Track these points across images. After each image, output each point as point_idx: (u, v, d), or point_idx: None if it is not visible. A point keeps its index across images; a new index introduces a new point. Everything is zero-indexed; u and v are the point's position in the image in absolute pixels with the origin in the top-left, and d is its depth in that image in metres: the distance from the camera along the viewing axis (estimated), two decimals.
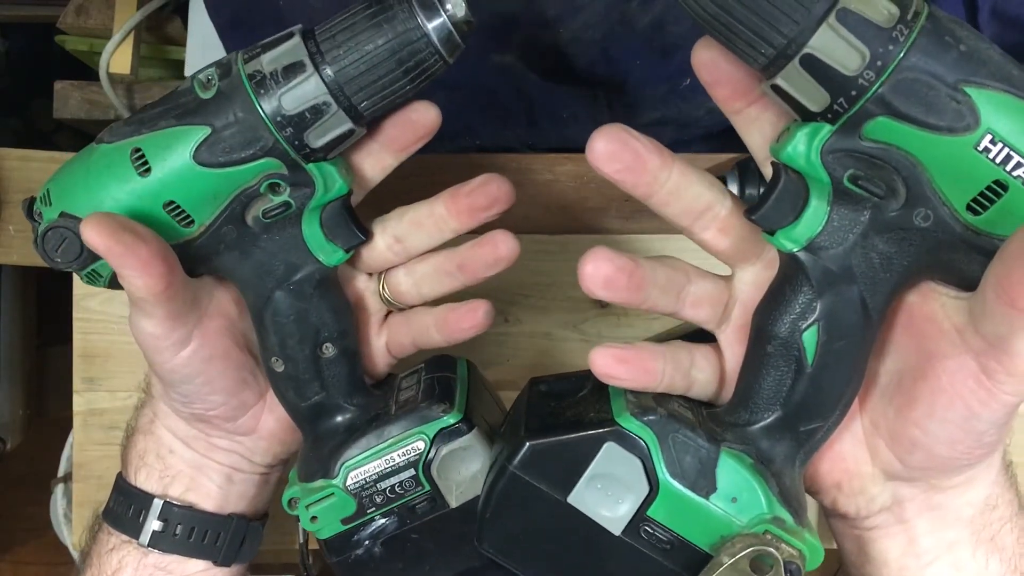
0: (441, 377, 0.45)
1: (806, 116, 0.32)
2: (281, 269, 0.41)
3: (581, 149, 0.40)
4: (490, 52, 0.59)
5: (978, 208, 0.31)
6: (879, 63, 0.29)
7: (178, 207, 0.38)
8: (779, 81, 0.31)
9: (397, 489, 0.42)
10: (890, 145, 0.31)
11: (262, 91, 0.36)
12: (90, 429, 0.61)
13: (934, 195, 0.31)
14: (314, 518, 0.43)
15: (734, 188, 0.57)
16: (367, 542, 0.43)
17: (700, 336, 0.40)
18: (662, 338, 0.59)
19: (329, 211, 0.42)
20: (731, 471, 0.35)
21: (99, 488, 0.61)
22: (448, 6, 0.36)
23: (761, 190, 0.58)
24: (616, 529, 0.36)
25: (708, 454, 0.35)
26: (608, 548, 0.36)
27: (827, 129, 0.31)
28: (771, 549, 0.34)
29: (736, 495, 0.35)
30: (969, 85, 0.29)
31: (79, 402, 0.62)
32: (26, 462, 1.24)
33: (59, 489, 1.13)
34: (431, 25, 0.36)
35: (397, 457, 0.42)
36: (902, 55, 0.29)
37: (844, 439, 0.38)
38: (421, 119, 0.42)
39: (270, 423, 0.46)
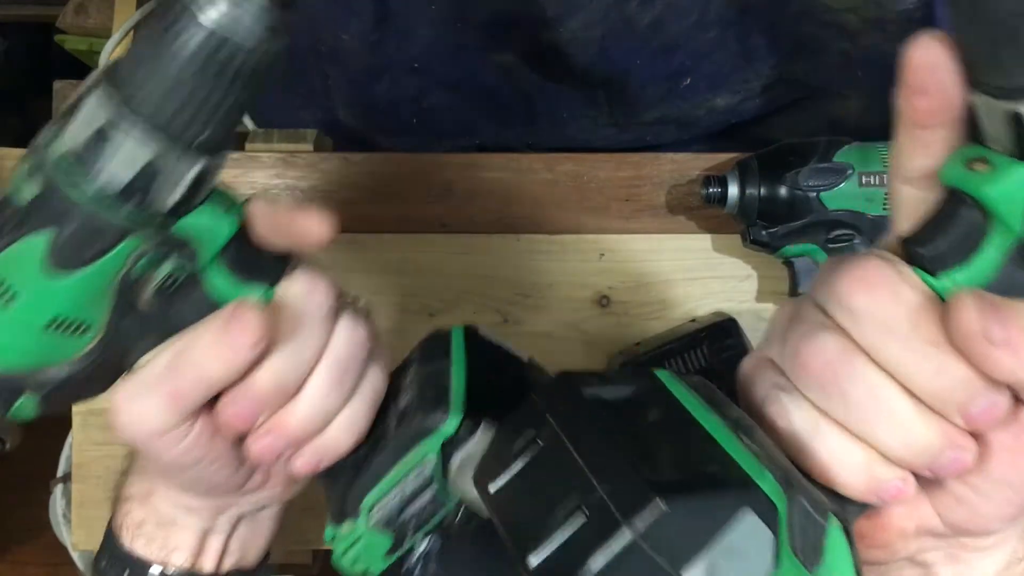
0: (432, 371, 0.40)
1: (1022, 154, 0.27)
2: None
3: (581, 149, 0.39)
4: (490, 52, 0.59)
5: None
6: None
7: (63, 320, 0.33)
8: (1022, 110, 0.26)
9: (426, 511, 0.39)
10: None
11: (80, 174, 0.31)
12: (89, 429, 0.61)
13: None
14: (356, 561, 0.40)
15: (734, 188, 0.57)
16: (419, 566, 0.41)
17: (713, 332, 0.38)
18: (665, 339, 0.59)
19: (230, 253, 0.35)
20: (835, 544, 0.30)
21: (98, 488, 0.61)
22: None
23: (761, 190, 0.59)
24: None
25: (820, 525, 0.30)
26: None
27: None
28: None
29: (834, 569, 0.30)
30: None
31: None
32: (26, 462, 1.24)
33: (58, 489, 1.13)
34: (213, 20, 0.30)
35: (412, 481, 0.38)
36: None
37: None
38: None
39: (282, 469, 0.41)
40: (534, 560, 0.28)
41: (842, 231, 0.56)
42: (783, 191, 0.56)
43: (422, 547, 0.40)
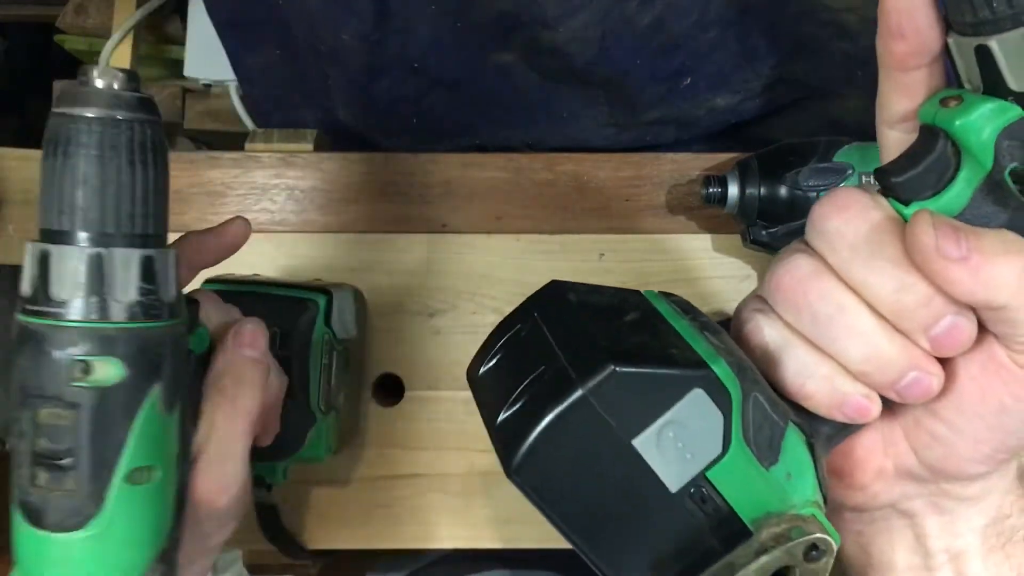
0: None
1: (995, 90, 0.29)
2: None
3: (581, 149, 0.39)
4: (490, 52, 0.59)
5: None
6: None
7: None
8: (991, 43, 0.28)
9: None
10: None
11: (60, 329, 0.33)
12: None
13: None
14: None
15: (735, 188, 0.57)
16: None
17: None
18: None
19: None
20: (793, 446, 0.32)
21: None
22: (94, 82, 0.33)
23: (762, 190, 0.59)
24: (674, 485, 0.31)
25: (778, 424, 0.32)
26: (655, 504, 0.31)
27: (1016, 112, 0.28)
28: (824, 536, 0.32)
29: (792, 472, 0.32)
30: None
31: None
32: None
33: None
34: (93, 113, 0.32)
35: None
36: None
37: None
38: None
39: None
40: (500, 419, 0.32)
41: None
42: (783, 191, 0.56)
43: None
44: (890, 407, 0.33)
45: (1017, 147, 0.29)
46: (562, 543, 0.32)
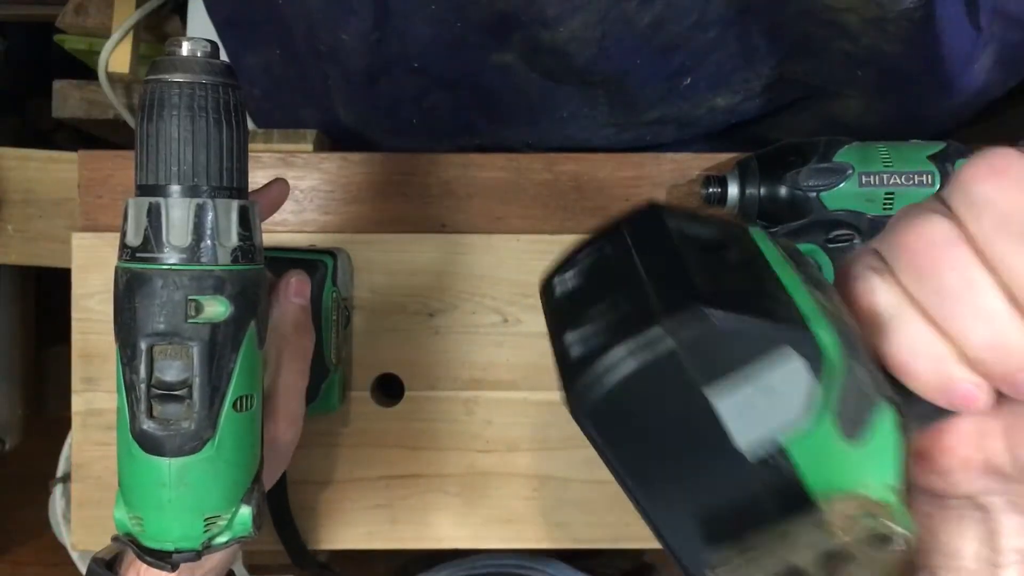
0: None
1: None
2: None
3: (581, 149, 0.39)
4: (490, 52, 0.59)
5: None
6: None
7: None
8: None
9: None
10: None
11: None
12: (89, 429, 0.61)
13: None
14: None
15: (734, 188, 0.57)
16: None
17: None
18: None
19: None
20: (883, 425, 0.29)
21: (98, 488, 0.61)
22: (182, 51, 0.36)
23: (761, 190, 0.59)
24: (742, 443, 0.28)
25: (870, 399, 0.29)
26: (718, 458, 0.29)
27: None
28: (893, 526, 0.29)
29: (875, 450, 0.30)
30: None
31: (78, 402, 0.62)
32: (25, 462, 1.24)
33: (58, 489, 1.13)
34: (183, 79, 0.36)
35: None
36: None
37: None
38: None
39: None
40: (569, 338, 0.29)
41: (842, 231, 0.56)
42: (783, 191, 0.56)
43: None
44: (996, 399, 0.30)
45: None
46: (562, 543, 0.32)
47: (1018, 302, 0.27)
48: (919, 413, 0.30)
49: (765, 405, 0.28)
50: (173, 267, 0.36)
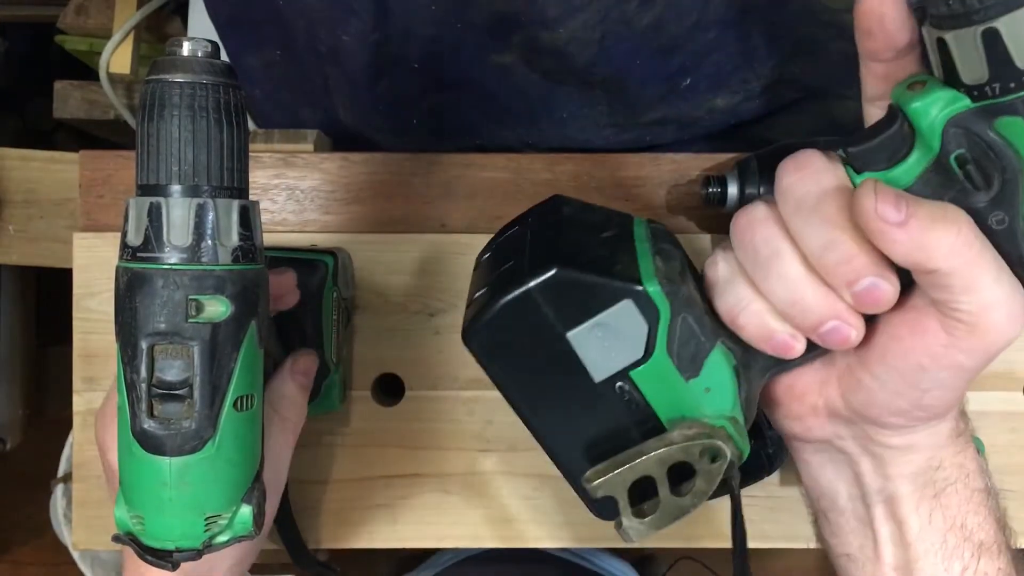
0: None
1: (951, 81, 0.31)
2: None
3: (581, 149, 0.40)
4: (490, 52, 0.59)
5: None
6: None
7: None
8: (948, 38, 0.30)
9: None
10: (1012, 146, 0.31)
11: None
12: (90, 429, 0.61)
13: (1020, 204, 0.32)
14: None
15: (734, 188, 0.57)
16: None
17: None
18: None
19: None
20: (716, 366, 0.37)
21: (99, 488, 0.61)
22: (183, 51, 0.37)
23: (761, 190, 0.58)
24: (597, 376, 0.37)
25: (704, 344, 0.37)
26: (581, 390, 0.37)
27: (965, 103, 0.31)
28: (723, 445, 0.37)
29: (711, 387, 0.37)
30: None
31: (79, 402, 0.62)
32: (26, 462, 1.24)
33: (59, 489, 1.13)
34: (183, 78, 0.36)
35: None
36: None
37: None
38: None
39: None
40: (472, 296, 0.39)
41: None
42: None
43: None
44: (827, 352, 0.37)
45: (963, 135, 0.32)
46: (563, 543, 0.33)
47: (812, 268, 0.34)
48: (762, 365, 0.38)
49: (613, 345, 0.36)
50: (174, 267, 0.36)
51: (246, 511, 0.39)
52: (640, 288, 0.35)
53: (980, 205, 0.32)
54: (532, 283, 0.35)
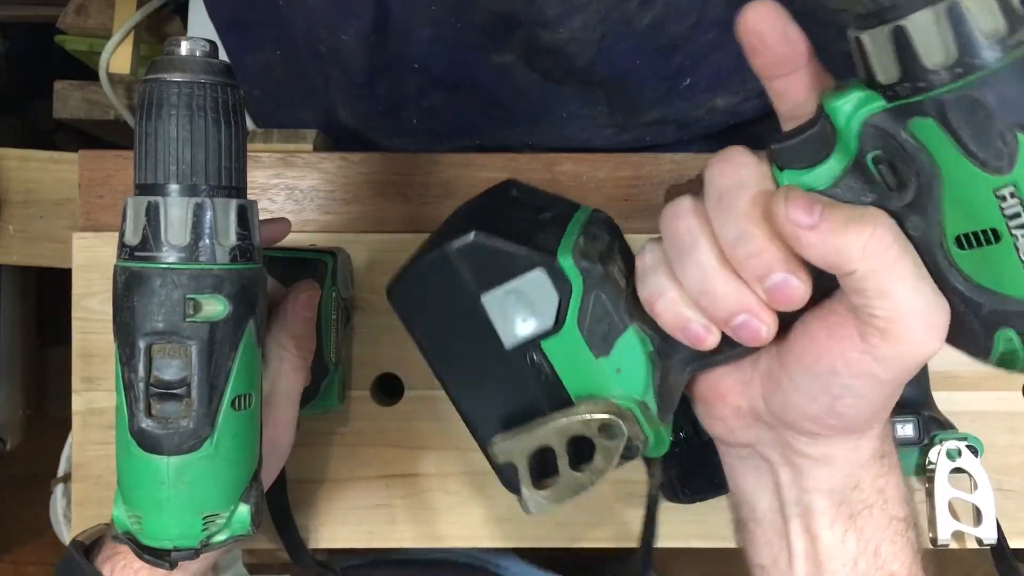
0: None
1: (870, 82, 0.32)
2: None
3: (581, 149, 0.40)
4: (490, 52, 0.59)
5: (966, 244, 0.31)
6: (959, 71, 0.29)
7: None
8: (863, 37, 0.31)
9: None
10: (925, 148, 0.30)
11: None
12: (90, 429, 0.61)
13: (936, 211, 0.31)
14: None
15: None
16: None
17: None
18: None
19: None
20: (629, 347, 0.37)
21: (99, 487, 0.61)
22: (181, 51, 0.36)
23: None
24: (508, 343, 0.37)
25: (617, 324, 0.37)
26: (493, 355, 0.38)
27: (879, 104, 0.31)
28: (622, 424, 0.37)
29: (622, 368, 0.37)
30: (1023, 132, 0.29)
31: (79, 402, 0.62)
32: (26, 462, 1.24)
33: (59, 489, 1.13)
34: (181, 78, 0.36)
35: None
36: (982, 75, 0.28)
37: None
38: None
39: None
40: (400, 270, 0.39)
41: None
42: None
43: None
44: (748, 352, 0.37)
45: (879, 136, 0.32)
46: (561, 542, 0.33)
47: (726, 260, 0.34)
48: (683, 358, 0.38)
49: (524, 312, 0.37)
50: (171, 266, 0.36)
51: (244, 510, 0.39)
52: (552, 259, 0.36)
53: (897, 208, 0.32)
54: (450, 244, 0.36)
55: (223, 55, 0.39)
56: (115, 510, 0.39)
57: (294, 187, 0.62)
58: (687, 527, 0.59)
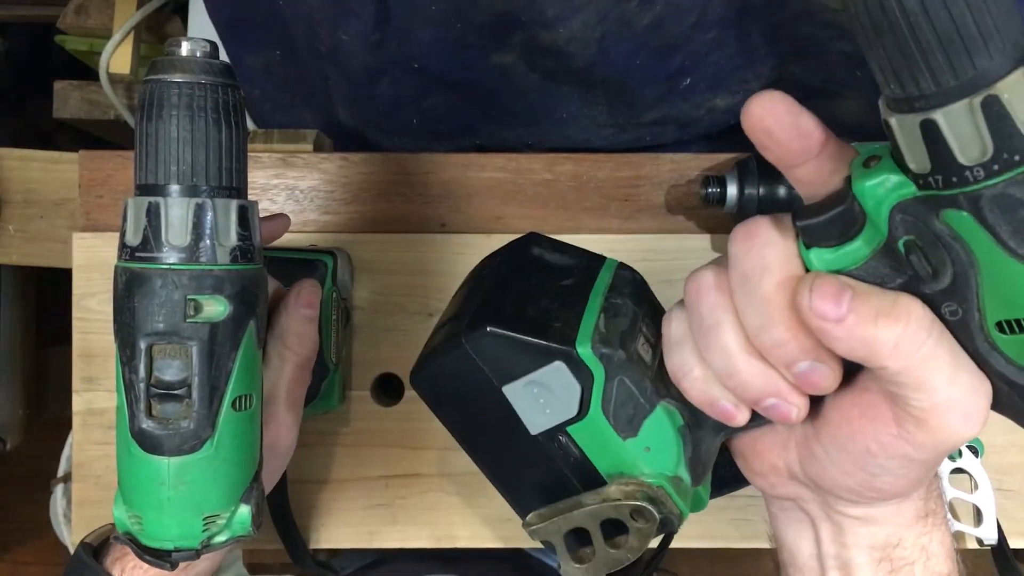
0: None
1: (901, 164, 0.30)
2: None
3: (581, 149, 0.40)
4: (490, 52, 0.59)
5: (1007, 329, 0.30)
6: (995, 167, 0.27)
7: None
8: (892, 122, 0.29)
9: None
10: (961, 239, 0.29)
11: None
12: (90, 429, 0.61)
13: (974, 298, 0.30)
14: None
15: (733, 188, 0.57)
16: None
17: None
18: None
19: None
20: (657, 427, 0.37)
21: (99, 487, 0.61)
22: (181, 51, 0.36)
23: (760, 190, 0.59)
24: (534, 430, 0.37)
25: (644, 405, 0.37)
26: (520, 439, 0.38)
27: (911, 190, 0.29)
28: (653, 508, 0.37)
29: (652, 446, 0.37)
30: None
31: (79, 402, 0.62)
32: (26, 462, 1.24)
33: (59, 489, 1.13)
34: (182, 78, 0.36)
35: None
36: (1021, 171, 0.26)
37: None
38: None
39: None
40: (434, 331, 0.40)
41: None
42: (782, 191, 0.56)
43: None
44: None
45: (911, 223, 0.30)
46: None
47: (751, 343, 0.33)
48: (713, 425, 0.37)
49: (547, 402, 0.37)
50: (172, 267, 0.36)
51: (245, 511, 0.39)
52: (570, 350, 0.36)
53: (932, 293, 0.30)
54: (467, 341, 0.36)
55: (223, 55, 0.39)
56: (115, 510, 0.39)
57: (294, 187, 0.62)
58: (687, 527, 0.59)
